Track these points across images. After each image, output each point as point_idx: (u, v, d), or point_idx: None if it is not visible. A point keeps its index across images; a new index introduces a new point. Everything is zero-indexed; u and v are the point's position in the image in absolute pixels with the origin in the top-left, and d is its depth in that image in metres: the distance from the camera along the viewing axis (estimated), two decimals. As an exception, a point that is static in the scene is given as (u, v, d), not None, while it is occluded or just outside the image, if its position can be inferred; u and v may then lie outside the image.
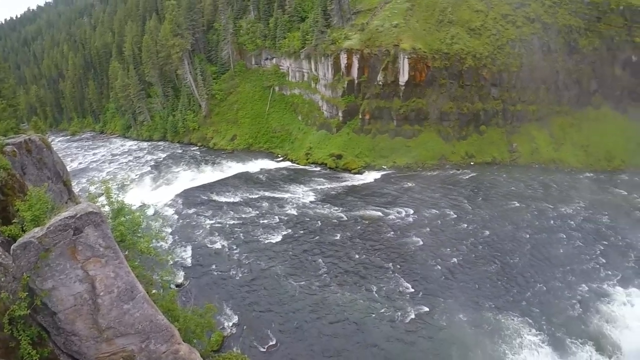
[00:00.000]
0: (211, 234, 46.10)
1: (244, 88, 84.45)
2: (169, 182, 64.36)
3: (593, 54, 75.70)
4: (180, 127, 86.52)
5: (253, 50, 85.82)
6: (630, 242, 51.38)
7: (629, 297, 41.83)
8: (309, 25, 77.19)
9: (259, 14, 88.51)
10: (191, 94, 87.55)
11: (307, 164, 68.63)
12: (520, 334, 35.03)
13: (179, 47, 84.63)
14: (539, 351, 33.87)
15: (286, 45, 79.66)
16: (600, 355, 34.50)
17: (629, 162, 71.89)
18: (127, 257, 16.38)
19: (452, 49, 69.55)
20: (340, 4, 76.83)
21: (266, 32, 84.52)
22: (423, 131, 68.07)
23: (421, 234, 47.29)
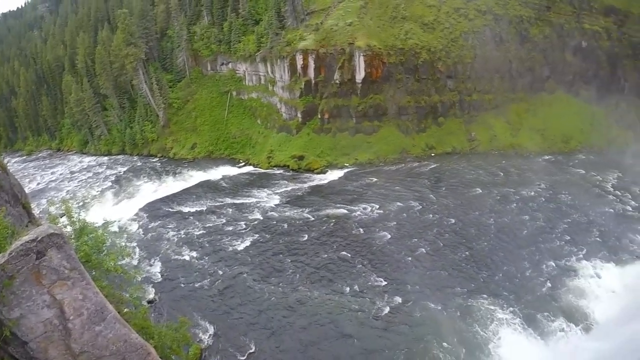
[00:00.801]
0: (178, 246, 44.96)
1: (201, 95, 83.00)
2: (131, 196, 62.50)
3: (544, 42, 78.14)
4: (138, 139, 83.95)
5: (208, 56, 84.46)
6: (591, 218, 53.07)
7: (595, 270, 43.02)
8: (264, 28, 76.41)
9: (212, 19, 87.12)
10: (148, 104, 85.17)
11: (270, 167, 67.87)
12: (493, 315, 35.43)
13: (133, 57, 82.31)
14: (512, 329, 34.35)
15: (241, 49, 78.59)
16: (573, 327, 35.17)
17: (585, 142, 74.88)
18: (94, 277, 16.13)
19: (407, 44, 70.17)
20: (294, 5, 76.25)
21: (221, 36, 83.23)
22: (382, 126, 68.33)
23: (388, 227, 47.35)
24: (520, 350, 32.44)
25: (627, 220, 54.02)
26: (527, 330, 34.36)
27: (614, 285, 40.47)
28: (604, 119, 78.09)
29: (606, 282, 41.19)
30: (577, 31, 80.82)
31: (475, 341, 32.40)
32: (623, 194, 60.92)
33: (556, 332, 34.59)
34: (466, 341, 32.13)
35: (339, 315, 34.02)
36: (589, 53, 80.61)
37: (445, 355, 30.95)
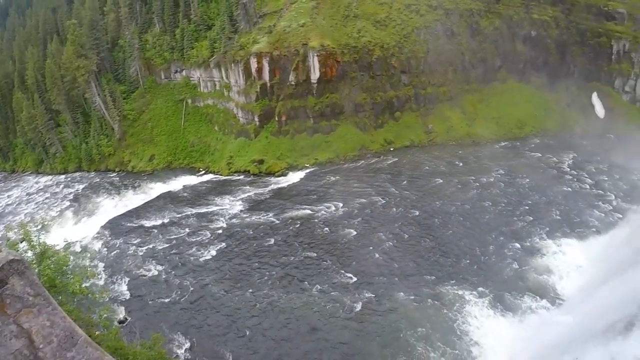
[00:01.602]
0: (144, 261, 43.85)
1: (157, 104, 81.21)
2: (91, 214, 60.54)
3: (494, 33, 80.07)
4: (95, 154, 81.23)
5: (161, 64, 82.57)
6: (551, 198, 54.81)
7: (559, 247, 44.38)
8: (216, 33, 75.28)
9: (164, 26, 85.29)
10: (102, 117, 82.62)
11: (230, 173, 66.77)
12: (463, 299, 36.14)
13: (84, 69, 79.66)
14: (482, 312, 35.06)
15: (195, 56, 77.21)
16: (542, 303, 36.12)
17: (539, 127, 77.15)
18: (61, 302, 15.93)
19: (360, 42, 70.50)
20: (246, 9, 75.41)
21: (173, 44, 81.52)
22: (340, 125, 68.37)
23: (353, 224, 47.57)
24: (492, 330, 33.15)
25: (585, 197, 56.20)
26: (497, 311, 35.11)
27: (579, 260, 41.77)
28: (556, 104, 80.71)
29: (571, 257, 42.43)
30: (526, 21, 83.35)
31: (448, 325, 33.13)
32: (579, 173, 63.39)
33: (526, 310, 35.44)
34: (439, 326, 32.81)
35: (313, 315, 34.16)
36: (538, 42, 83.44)
37: (419, 341, 31.47)
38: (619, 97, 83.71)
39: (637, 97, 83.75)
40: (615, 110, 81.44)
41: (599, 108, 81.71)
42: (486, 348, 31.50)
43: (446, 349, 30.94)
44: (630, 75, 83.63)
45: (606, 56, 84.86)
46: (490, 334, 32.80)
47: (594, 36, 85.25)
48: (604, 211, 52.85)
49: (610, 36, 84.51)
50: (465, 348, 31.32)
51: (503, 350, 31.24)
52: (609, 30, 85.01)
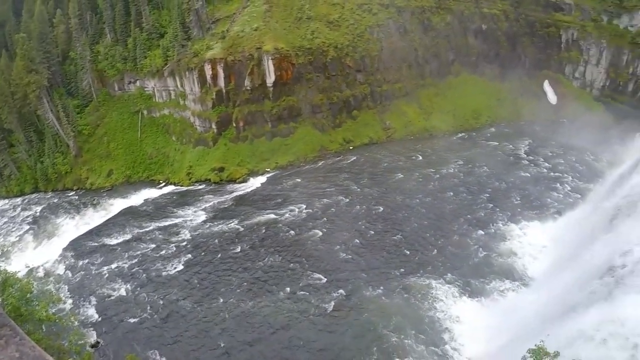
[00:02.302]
0: (111, 281, 42.71)
1: (111, 117, 79.08)
2: (52, 236, 58.48)
3: (446, 29, 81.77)
4: (51, 173, 78.40)
5: (114, 75, 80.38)
6: (510, 184, 56.16)
7: (522, 230, 45.77)
8: (169, 41, 73.91)
9: (116, 36, 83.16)
10: (56, 134, 79.97)
11: (191, 183, 65.66)
12: (433, 289, 36.85)
13: (35, 85, 76.91)
14: (452, 299, 35.90)
15: (148, 65, 75.54)
16: (510, 286, 37.23)
17: (494, 117, 79.22)
18: (28, 331, 15.57)
19: (314, 44, 70.54)
20: (198, 15, 74.37)
21: (126, 54, 79.51)
22: (298, 127, 68.25)
23: (319, 225, 47.65)
24: (464, 316, 34.01)
25: (543, 180, 57.93)
26: (467, 297, 36.01)
27: (542, 241, 43.16)
28: (509, 93, 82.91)
29: (534, 239, 43.86)
30: (477, 16, 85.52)
31: (420, 315, 33.84)
32: (535, 157, 65.33)
33: (495, 293, 36.43)
34: (411, 317, 33.46)
35: (285, 319, 34.28)
36: (489, 35, 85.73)
37: (392, 332, 31.99)
38: (570, 83, 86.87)
39: (587, 83, 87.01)
40: (566, 96, 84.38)
41: (550, 95, 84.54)
42: (459, 333, 32.37)
43: (419, 337, 31.63)
44: (580, 62, 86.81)
45: (555, 45, 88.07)
46: (462, 320, 33.62)
47: (543, 27, 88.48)
48: (562, 192, 54.79)
49: (559, 26, 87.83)
50: (437, 335, 32.09)
51: (478, 334, 32.04)
52: (557, 20, 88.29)
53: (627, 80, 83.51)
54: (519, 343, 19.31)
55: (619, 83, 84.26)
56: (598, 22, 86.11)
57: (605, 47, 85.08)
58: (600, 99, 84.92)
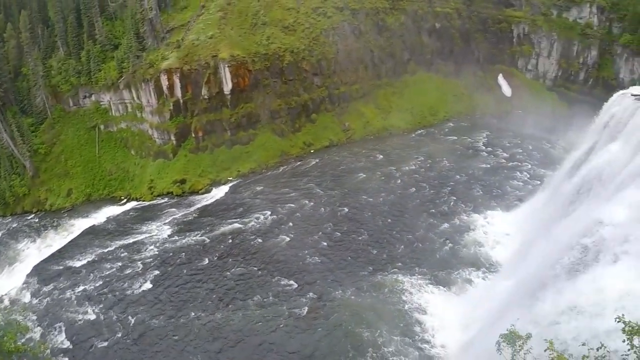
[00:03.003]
0: (80, 304, 41.60)
1: (68, 135, 76.86)
2: (15, 263, 56.38)
3: (401, 29, 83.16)
4: (8, 196, 75.48)
5: (69, 90, 77.92)
6: (471, 176, 57.47)
7: (487, 219, 47.07)
8: (124, 52, 72.45)
9: (69, 49, 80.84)
10: (11, 155, 77.33)
11: (153, 198, 64.22)
12: (402, 284, 37.44)
13: (-13, 104, 74.40)
14: (423, 292, 36.57)
15: (103, 78, 73.72)
16: (478, 274, 38.21)
17: (451, 111, 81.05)
18: None
19: (270, 49, 70.45)
20: (152, 24, 73.23)
21: (79, 67, 77.37)
22: (258, 134, 68.05)
23: (285, 230, 47.76)
24: (436, 307, 34.75)
25: (502, 170, 59.55)
26: (437, 288, 36.74)
27: (506, 229, 44.41)
28: (465, 88, 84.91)
29: (498, 227, 45.14)
30: (430, 15, 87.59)
31: (392, 311, 34.35)
32: (494, 149, 67.15)
33: (464, 283, 37.29)
34: (383, 314, 33.98)
35: (259, 327, 34.30)
36: (443, 33, 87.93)
37: (366, 331, 32.45)
38: (523, 75, 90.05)
39: (539, 74, 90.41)
40: (520, 88, 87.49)
41: (505, 88, 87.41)
42: (431, 325, 33.04)
43: (392, 332, 32.14)
44: (532, 55, 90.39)
45: (508, 40, 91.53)
46: (433, 312, 34.29)
47: (495, 23, 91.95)
48: (522, 180, 56.58)
49: (510, 21, 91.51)
50: (410, 328, 32.66)
51: (450, 324, 32.86)
52: (508, 16, 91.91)
53: (578, 69, 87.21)
54: (492, 329, 19.39)
55: (570, 73, 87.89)
56: (548, 16, 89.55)
57: (556, 39, 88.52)
58: (553, 89, 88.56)
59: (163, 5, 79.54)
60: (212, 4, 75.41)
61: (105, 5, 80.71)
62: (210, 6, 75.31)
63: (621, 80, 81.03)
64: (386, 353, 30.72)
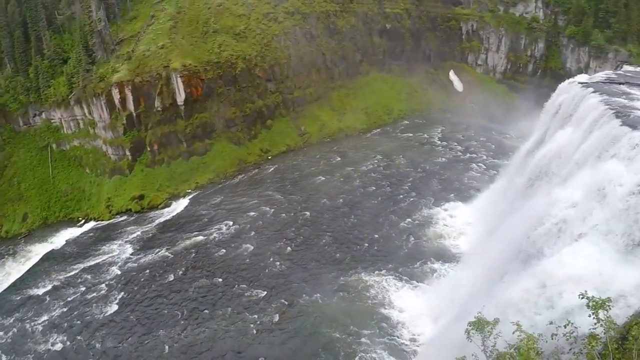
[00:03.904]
0: (46, 334, 40.13)
1: (19, 156, 73.87)
2: None
3: (352, 31, 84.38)
4: (-41, 225, 73.01)
5: (18, 109, 74.94)
6: (429, 170, 58.77)
7: (448, 212, 48.01)
8: (73, 66, 70.40)
9: (16, 66, 77.87)
10: (-40, 180, 74.37)
11: (112, 216, 62.43)
12: (370, 283, 37.79)
13: None
14: (390, 289, 37.00)
15: (53, 95, 71.40)
16: (444, 265, 39.13)
17: (406, 109, 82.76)
18: None
19: (222, 57, 70.03)
20: (101, 36, 71.56)
21: (28, 84, 74.57)
22: (215, 143, 67.60)
23: (248, 239, 47.54)
24: (404, 302, 35.16)
25: (459, 163, 60.95)
26: (405, 283, 37.22)
27: (467, 219, 45.60)
28: (418, 86, 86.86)
29: (459, 218, 46.24)
30: (381, 16, 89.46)
31: (361, 310, 34.71)
32: (449, 143, 68.83)
33: (431, 275, 37.97)
34: (353, 313, 34.32)
35: (232, 340, 34.06)
36: (393, 33, 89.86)
37: (337, 332, 32.76)
38: (474, 70, 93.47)
39: (489, 68, 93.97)
40: (472, 83, 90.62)
41: (457, 83, 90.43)
42: (401, 320, 33.43)
43: (362, 331, 32.48)
44: (481, 50, 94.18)
45: (457, 37, 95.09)
46: (402, 307, 34.68)
47: (444, 21, 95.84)
48: (479, 171, 58.07)
49: (459, 19, 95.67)
50: (380, 325, 32.96)
51: (421, 317, 33.35)
52: (457, 14, 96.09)
53: (527, 62, 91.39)
54: (461, 318, 19.29)
55: (519, 65, 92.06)
56: (495, 12, 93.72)
57: (504, 34, 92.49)
58: (504, 82, 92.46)
59: (112, 16, 77.66)
60: (161, 14, 74.51)
61: (52, 18, 78.19)
62: (160, 15, 74.39)
63: (568, 70, 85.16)
64: (358, 351, 31.05)
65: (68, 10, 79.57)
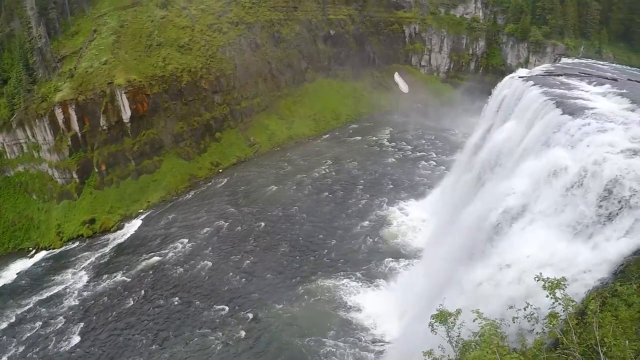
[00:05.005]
0: None
1: (-39, 186, 71.13)
2: None
3: (297, 39, 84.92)
4: None
5: (-43, 135, 72.69)
6: (380, 171, 59.84)
7: (402, 210, 49.14)
8: (13, 87, 67.70)
9: (-47, 89, 75.05)
10: None
11: (64, 243, 59.77)
12: (332, 287, 38.25)
13: None
14: (352, 290, 37.67)
15: (-7, 118, 69.46)
16: (403, 263, 40.05)
17: (353, 113, 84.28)
18: None
19: (167, 71, 69.07)
20: (42, 54, 69.26)
21: (-33, 108, 72.35)
22: (164, 160, 66.54)
23: (206, 256, 47.16)
24: (367, 303, 35.68)
25: (409, 161, 62.26)
26: (366, 285, 37.75)
27: (422, 215, 46.79)
28: (364, 90, 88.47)
29: (414, 216, 47.33)
30: (324, 23, 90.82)
31: (326, 315, 35.03)
32: (399, 143, 70.47)
33: (391, 274, 38.68)
34: (318, 319, 34.62)
35: None
36: (338, 39, 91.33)
37: (304, 339, 33.09)
38: (418, 71, 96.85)
39: (433, 69, 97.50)
40: (417, 83, 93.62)
41: (402, 85, 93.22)
42: (367, 320, 33.86)
43: (328, 334, 32.93)
44: (424, 51, 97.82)
45: (400, 40, 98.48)
46: (365, 307, 35.12)
47: (387, 25, 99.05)
48: (429, 168, 59.56)
49: (402, 22, 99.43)
50: (346, 328, 33.32)
51: (386, 315, 33.78)
52: (399, 17, 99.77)
53: (469, 60, 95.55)
54: (425, 312, 18.93)
55: (461, 64, 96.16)
56: (437, 14, 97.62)
57: (446, 35, 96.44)
58: (447, 81, 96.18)
59: (53, 32, 75.11)
60: (104, 28, 72.76)
61: (-10, 37, 75.54)
62: (103, 30, 72.66)
63: (509, 65, 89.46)
64: (325, 355, 31.32)
65: (7, 27, 76.59)
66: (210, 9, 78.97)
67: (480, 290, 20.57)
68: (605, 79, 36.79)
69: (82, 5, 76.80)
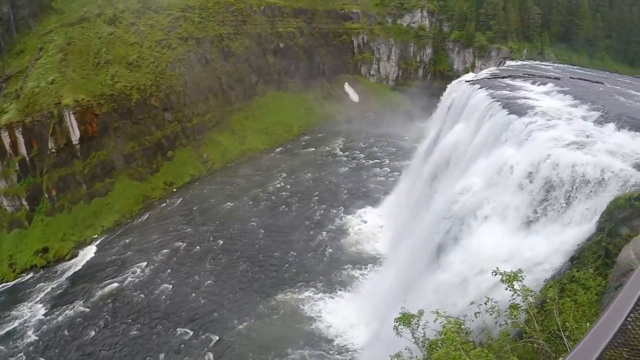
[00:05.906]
0: None
1: None
2: None
3: (246, 52, 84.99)
4: None
5: None
6: (335, 181, 60.70)
7: (360, 218, 49.87)
8: (-45, 109, 66.23)
9: None
10: None
11: (17, 276, 55.94)
12: (296, 300, 38.32)
13: None
14: (317, 302, 37.84)
15: None
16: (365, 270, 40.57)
17: (305, 125, 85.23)
18: None
19: (116, 89, 67.37)
20: (-15, 73, 67.68)
21: None
22: (116, 182, 64.96)
23: (166, 278, 46.30)
24: (332, 312, 35.92)
25: (363, 170, 63.34)
26: (329, 295, 37.92)
27: (379, 221, 47.32)
28: (314, 101, 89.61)
29: (372, 222, 47.84)
30: (274, 36, 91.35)
31: (292, 329, 35.04)
32: (352, 152, 71.72)
33: (354, 282, 39.00)
34: (285, 334, 34.64)
35: None
36: (287, 51, 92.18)
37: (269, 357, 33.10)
38: (367, 81, 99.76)
39: (382, 77, 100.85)
40: (367, 92, 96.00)
41: (352, 94, 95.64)
42: (334, 330, 34.02)
43: (296, 348, 32.82)
44: (373, 60, 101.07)
45: (349, 50, 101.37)
46: (332, 317, 35.23)
47: (335, 36, 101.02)
48: (383, 175, 60.48)
49: (350, 33, 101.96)
50: (313, 340, 33.37)
51: (353, 323, 34.02)
52: (347, 29, 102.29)
53: (417, 67, 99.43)
54: (391, 316, 18.21)
55: (410, 71, 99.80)
56: (384, 24, 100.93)
57: (394, 44, 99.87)
58: (397, 88, 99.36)
59: (-2, 50, 73.37)
60: (50, 45, 70.43)
61: None
62: (49, 48, 70.41)
63: (456, 71, 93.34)
64: None
65: (-52, 46, 73.96)
66: (159, 25, 77.98)
67: (442, 290, 21.11)
68: (548, 79, 38.25)
69: (28, 22, 74.77)
